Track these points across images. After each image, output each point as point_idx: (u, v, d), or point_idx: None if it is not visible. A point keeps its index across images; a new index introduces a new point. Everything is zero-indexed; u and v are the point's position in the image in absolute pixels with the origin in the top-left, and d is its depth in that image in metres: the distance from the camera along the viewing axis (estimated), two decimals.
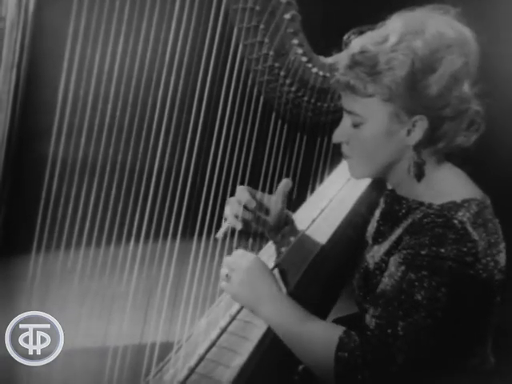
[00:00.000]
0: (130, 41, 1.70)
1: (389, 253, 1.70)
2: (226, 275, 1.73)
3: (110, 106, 1.70)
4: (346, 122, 1.71)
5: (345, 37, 1.75)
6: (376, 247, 1.78)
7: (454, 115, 1.64)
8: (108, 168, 1.73)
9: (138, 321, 1.82)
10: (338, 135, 1.74)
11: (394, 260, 1.63)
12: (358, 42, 1.67)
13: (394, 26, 1.65)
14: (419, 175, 1.68)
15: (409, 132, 1.65)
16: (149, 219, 1.79)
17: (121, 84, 1.71)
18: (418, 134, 1.65)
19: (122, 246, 1.78)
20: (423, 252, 1.58)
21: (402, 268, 1.59)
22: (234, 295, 1.74)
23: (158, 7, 1.70)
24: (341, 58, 1.69)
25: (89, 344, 1.83)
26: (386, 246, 1.73)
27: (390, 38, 1.63)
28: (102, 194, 1.72)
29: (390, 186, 1.84)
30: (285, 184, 1.90)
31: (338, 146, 1.84)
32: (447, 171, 1.70)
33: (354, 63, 1.64)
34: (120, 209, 1.75)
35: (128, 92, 1.74)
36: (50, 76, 1.68)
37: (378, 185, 1.98)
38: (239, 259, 1.74)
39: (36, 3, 1.53)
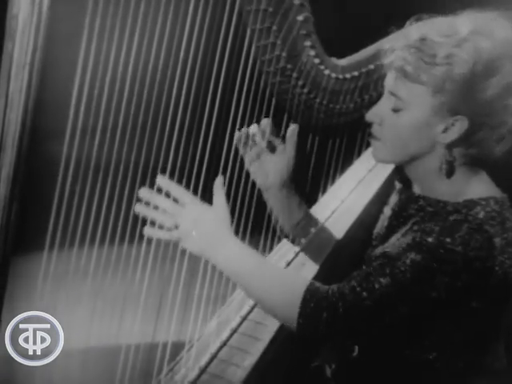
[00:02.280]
0: (144, 42, 1.71)
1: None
2: (175, 226, 1.65)
3: (123, 105, 1.71)
4: (385, 103, 1.69)
5: (407, 22, 1.73)
6: (386, 243, 1.78)
7: (494, 125, 1.62)
8: (121, 167, 1.73)
9: (150, 320, 1.83)
10: (373, 114, 1.72)
11: (399, 239, 1.65)
12: (418, 29, 1.65)
13: (464, 22, 1.63)
14: (450, 173, 1.67)
15: (446, 129, 1.63)
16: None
17: (134, 84, 1.72)
18: (454, 133, 1.63)
19: (134, 246, 1.79)
20: (430, 239, 1.58)
21: (404, 246, 1.59)
22: (184, 243, 1.67)
23: (172, 8, 1.71)
24: (398, 40, 1.66)
25: (101, 343, 1.83)
26: (395, 238, 1.73)
27: (456, 33, 1.61)
28: (116, 193, 1.73)
29: (398, 185, 1.83)
30: (293, 129, 1.89)
31: (349, 149, 1.84)
32: (468, 171, 1.69)
33: (413, 48, 1.62)
34: (133, 208, 1.76)
35: (141, 92, 1.74)
36: (63, 75, 1.68)
37: (392, 185, 1.98)
38: (186, 206, 1.66)
39: (50, 1, 1.53)
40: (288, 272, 1.66)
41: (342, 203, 2.15)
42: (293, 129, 1.92)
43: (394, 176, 2.05)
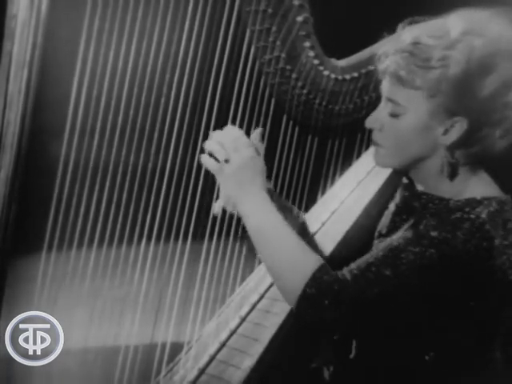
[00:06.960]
0: (143, 42, 1.71)
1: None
2: (226, 160, 1.66)
3: (122, 105, 1.71)
4: (384, 109, 1.68)
5: (400, 25, 1.72)
6: (389, 239, 1.77)
7: (495, 122, 1.62)
8: (120, 168, 1.73)
9: (148, 321, 1.83)
10: (372, 121, 1.71)
11: (403, 232, 1.65)
12: (411, 33, 1.64)
13: (455, 23, 1.62)
14: (453, 175, 1.67)
15: (446, 131, 1.63)
16: (160, 220, 1.80)
17: (133, 84, 1.72)
18: (454, 134, 1.63)
19: (133, 247, 1.79)
20: (433, 233, 1.58)
21: (408, 239, 1.60)
22: (224, 180, 1.68)
23: (172, 8, 1.71)
24: (390, 45, 1.65)
25: (100, 344, 1.83)
26: (399, 234, 1.72)
27: (449, 34, 1.60)
28: (115, 195, 1.73)
29: (404, 180, 1.83)
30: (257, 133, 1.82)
31: (349, 150, 1.84)
32: (471, 171, 1.69)
33: (406, 53, 1.61)
34: (132, 209, 1.76)
35: (140, 93, 1.74)
36: (62, 75, 1.68)
37: (391, 187, 1.98)
38: (241, 146, 1.68)
39: (49, 2, 1.53)
40: (305, 248, 1.63)
41: (342, 204, 2.15)
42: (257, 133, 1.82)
43: (395, 175, 2.05)
